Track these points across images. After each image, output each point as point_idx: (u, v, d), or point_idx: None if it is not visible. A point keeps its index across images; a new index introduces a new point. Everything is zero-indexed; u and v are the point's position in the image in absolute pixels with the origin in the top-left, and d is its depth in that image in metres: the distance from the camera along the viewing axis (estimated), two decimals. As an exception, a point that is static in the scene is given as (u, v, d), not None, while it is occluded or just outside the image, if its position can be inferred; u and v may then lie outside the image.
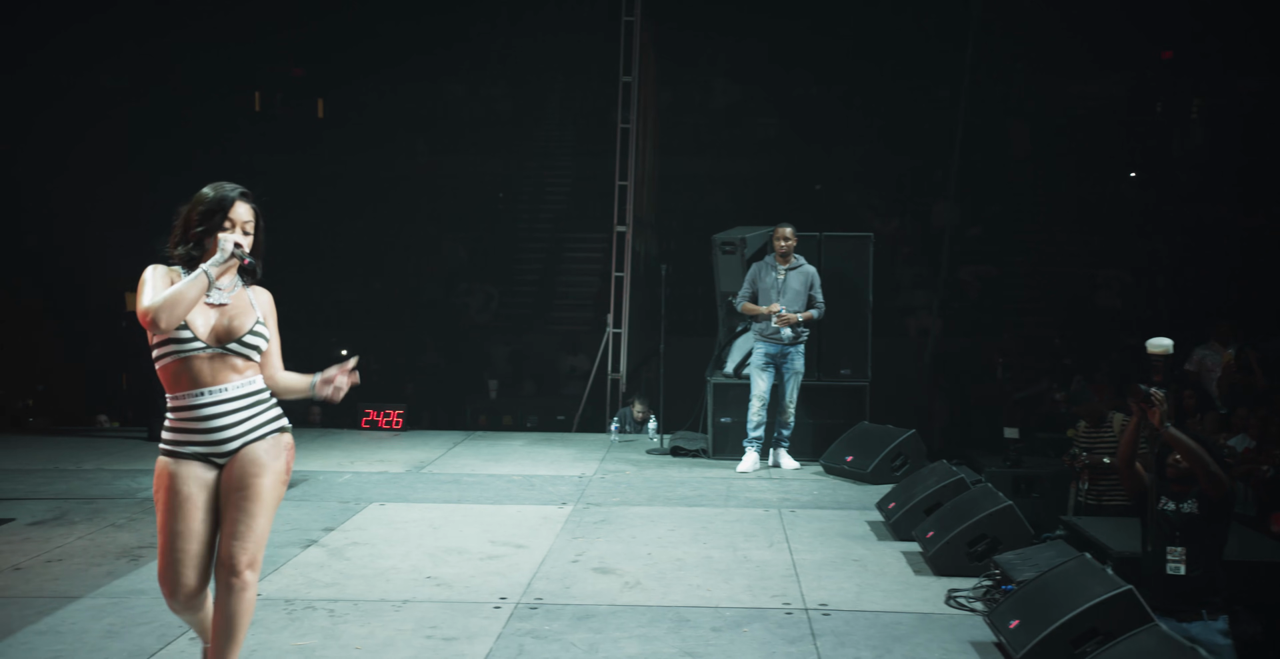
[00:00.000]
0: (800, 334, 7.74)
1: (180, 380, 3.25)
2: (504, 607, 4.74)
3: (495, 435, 9.78)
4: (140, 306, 3.20)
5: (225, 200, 3.32)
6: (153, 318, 3.16)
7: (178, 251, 3.33)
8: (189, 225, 3.32)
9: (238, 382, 3.29)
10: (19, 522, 6.05)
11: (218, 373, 3.26)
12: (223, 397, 3.26)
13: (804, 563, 5.43)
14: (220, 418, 3.26)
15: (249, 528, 3.32)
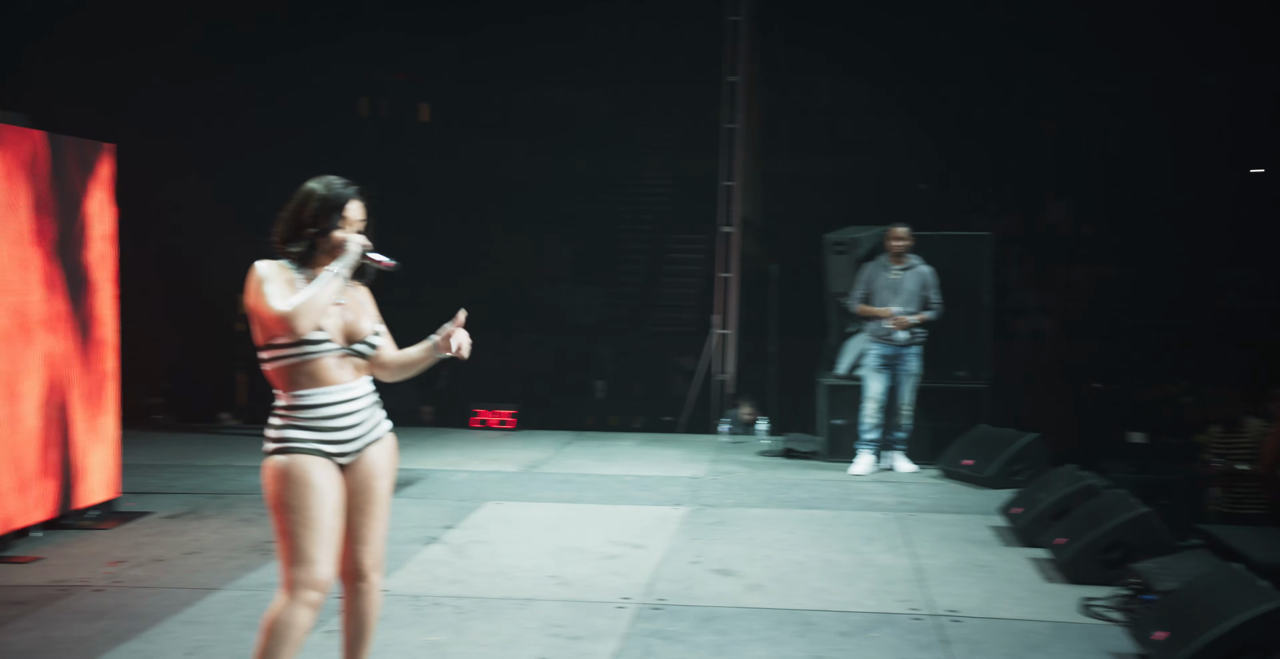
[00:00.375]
0: (916, 336, 7.63)
1: (306, 379, 3.17)
2: (627, 607, 4.75)
3: (604, 436, 9.83)
4: (271, 310, 3.09)
5: (341, 198, 3.22)
6: (292, 323, 3.09)
7: (291, 249, 3.22)
8: (301, 223, 3.21)
9: (359, 382, 3.28)
10: (156, 515, 6.26)
11: (343, 373, 3.22)
12: (348, 396, 3.23)
13: (928, 568, 5.34)
14: (346, 417, 3.22)
15: (375, 532, 3.33)
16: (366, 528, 3.32)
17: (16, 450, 5.38)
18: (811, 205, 14.47)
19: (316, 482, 3.16)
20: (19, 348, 5.39)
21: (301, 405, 3.18)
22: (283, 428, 3.19)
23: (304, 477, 3.15)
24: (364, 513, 3.31)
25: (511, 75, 16.91)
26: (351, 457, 3.27)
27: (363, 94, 17.83)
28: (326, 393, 3.19)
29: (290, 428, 3.18)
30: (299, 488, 3.14)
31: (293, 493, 3.14)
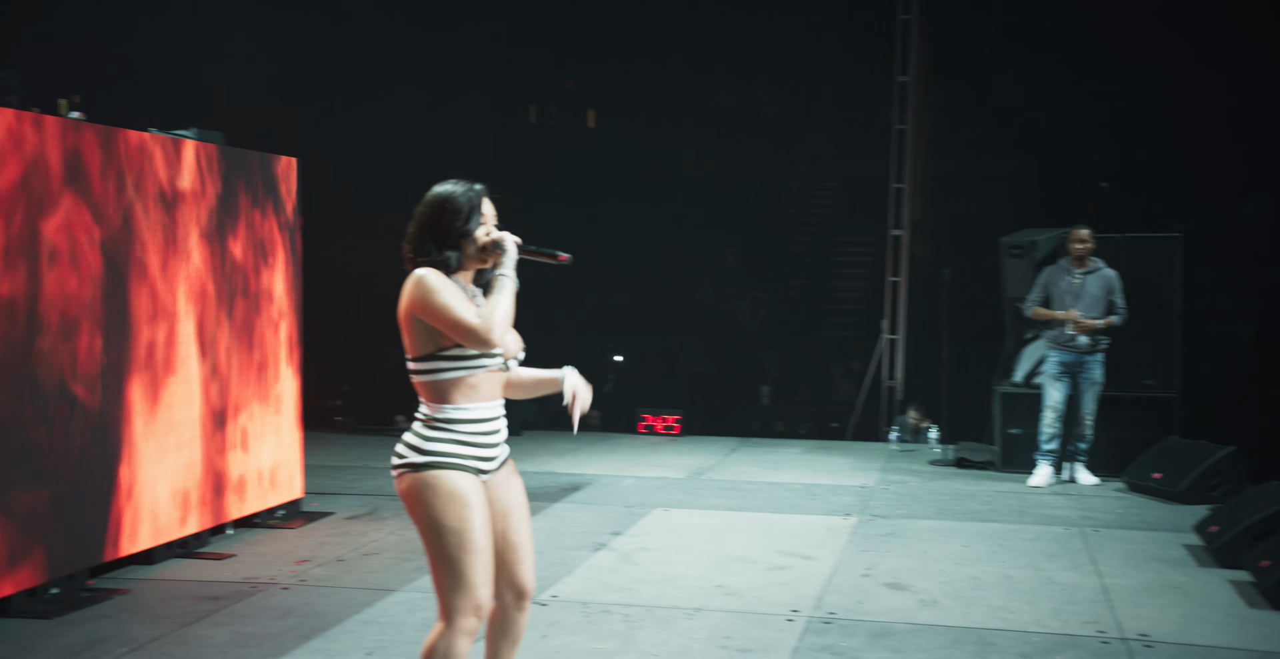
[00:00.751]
0: (1099, 342, 7.28)
1: (468, 393, 3.06)
2: (797, 620, 4.67)
3: (771, 442, 9.74)
4: (463, 322, 2.96)
5: (478, 197, 3.13)
6: (487, 336, 2.97)
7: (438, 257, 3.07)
8: (444, 228, 3.07)
9: (501, 397, 3.19)
10: (337, 516, 6.50)
11: (496, 388, 3.14)
12: (499, 412, 3.14)
13: (1116, 588, 5.08)
14: (497, 434, 3.14)
15: (528, 547, 3.25)
16: (523, 545, 3.23)
17: (213, 453, 5.67)
18: (982, 207, 14.03)
19: (476, 501, 3.02)
20: (214, 352, 5.68)
21: (462, 419, 3.05)
22: (438, 441, 3.04)
23: (465, 496, 3.01)
24: (517, 530, 3.21)
25: (676, 82, 16.97)
26: (493, 474, 3.17)
27: (531, 102, 18.20)
28: (485, 408, 3.09)
29: (447, 442, 3.04)
30: (460, 508, 3.00)
31: (454, 513, 3.00)
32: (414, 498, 3.04)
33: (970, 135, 14.95)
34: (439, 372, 3.05)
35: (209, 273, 5.65)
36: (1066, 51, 14.31)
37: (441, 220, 3.07)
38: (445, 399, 3.06)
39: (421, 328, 3.03)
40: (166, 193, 5.35)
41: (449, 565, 3.00)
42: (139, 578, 5.16)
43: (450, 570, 3.00)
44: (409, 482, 3.05)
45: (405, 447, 3.08)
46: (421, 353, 3.05)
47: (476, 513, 3.03)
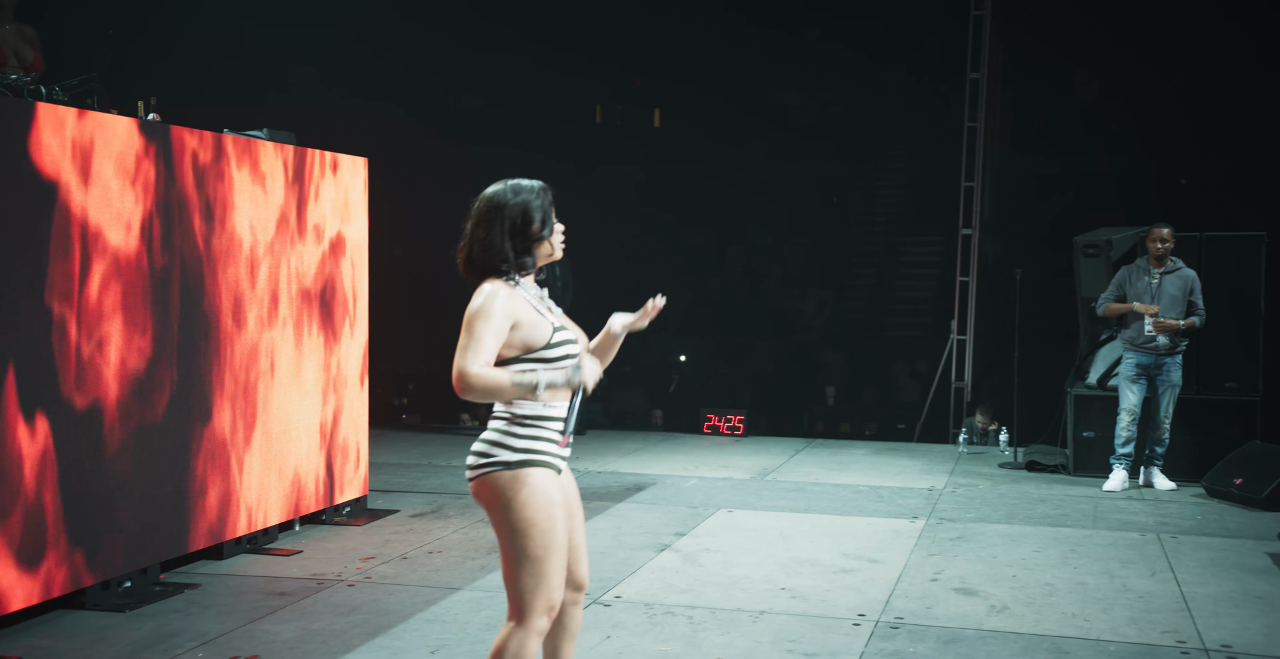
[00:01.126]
0: (1178, 343, 7.09)
1: (556, 392, 3.02)
2: (863, 624, 4.59)
3: (836, 443, 9.63)
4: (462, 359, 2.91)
5: (550, 197, 3.08)
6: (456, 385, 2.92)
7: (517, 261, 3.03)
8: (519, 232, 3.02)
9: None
10: (402, 513, 6.53)
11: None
12: (569, 411, 3.10)
13: (1195, 597, 4.92)
14: (569, 432, 3.13)
15: (584, 542, 3.25)
16: (582, 542, 3.23)
17: (284, 450, 5.73)
18: (1051, 206, 13.76)
19: (561, 502, 3.01)
20: (290, 352, 5.73)
21: (548, 416, 3.02)
22: (528, 438, 2.99)
23: (554, 495, 2.99)
24: (578, 529, 3.21)
25: (743, 81, 16.88)
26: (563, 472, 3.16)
27: (597, 101, 18.22)
28: (562, 407, 3.06)
29: (537, 439, 3.00)
30: (551, 507, 2.97)
31: (545, 512, 2.96)
32: (503, 497, 2.97)
33: (1042, 133, 14.68)
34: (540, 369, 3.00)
35: (288, 272, 5.70)
36: (1141, 47, 13.98)
37: (519, 225, 3.02)
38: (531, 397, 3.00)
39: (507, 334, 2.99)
40: (256, 195, 5.42)
41: (532, 565, 2.96)
42: (209, 573, 5.23)
43: (532, 570, 2.96)
44: (497, 481, 2.98)
45: (490, 445, 3.01)
46: (507, 357, 3.00)
47: (562, 513, 3.02)
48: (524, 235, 3.03)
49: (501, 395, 2.93)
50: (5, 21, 5.89)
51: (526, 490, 2.96)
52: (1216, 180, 13.61)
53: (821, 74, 17.14)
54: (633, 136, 17.91)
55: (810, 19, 16.42)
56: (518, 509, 2.96)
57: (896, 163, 16.87)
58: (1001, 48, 11.36)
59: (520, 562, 2.97)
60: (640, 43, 16.21)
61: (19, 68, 5.60)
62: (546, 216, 3.06)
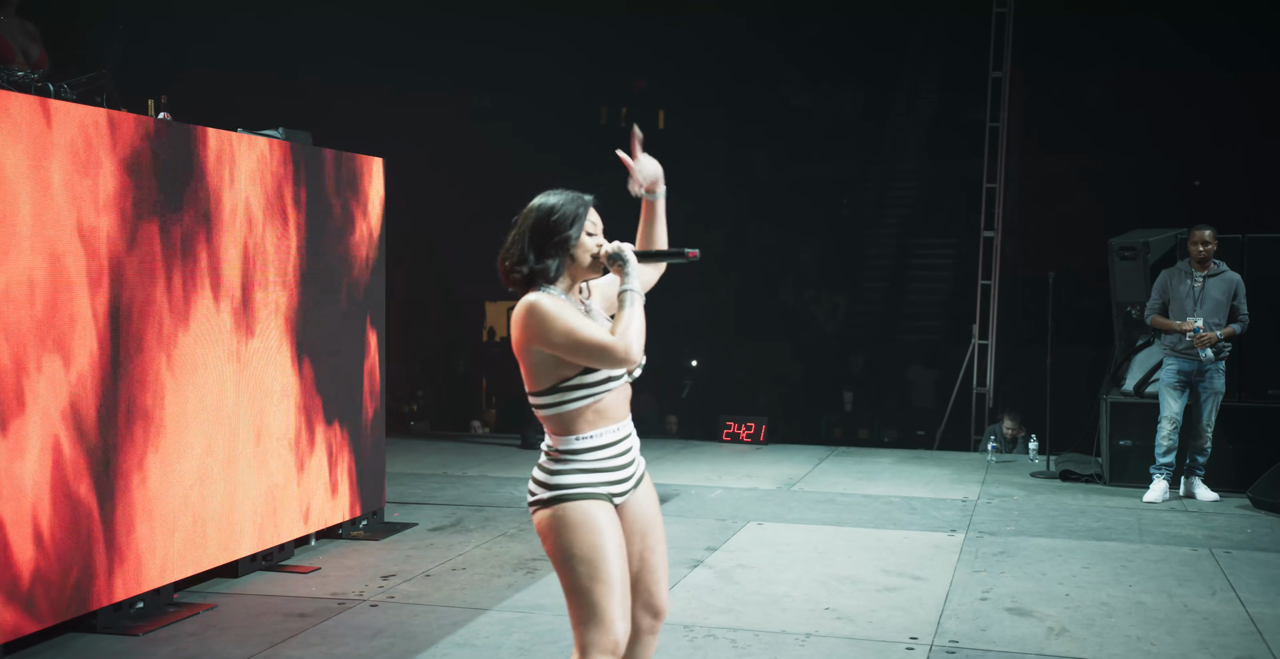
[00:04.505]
0: (1222, 350, 6.87)
1: (595, 418, 2.88)
2: (917, 648, 4.36)
3: (860, 451, 9.39)
4: (595, 344, 2.77)
5: (583, 206, 2.92)
6: (625, 355, 2.77)
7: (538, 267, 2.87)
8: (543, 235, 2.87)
9: (628, 411, 3.00)
10: (421, 527, 6.29)
11: (621, 404, 2.95)
12: (628, 430, 2.97)
13: (1263, 618, 4.69)
14: (630, 453, 2.96)
15: (663, 566, 3.07)
16: (662, 565, 3.06)
17: (299, 462, 5.49)
18: (1079, 206, 13.55)
19: (606, 528, 2.85)
20: (301, 359, 5.49)
21: (590, 447, 2.89)
22: (564, 473, 2.87)
23: (593, 523, 2.85)
24: (654, 550, 3.04)
25: (751, 82, 16.67)
26: (628, 494, 2.99)
27: (603, 103, 18.00)
28: (615, 430, 2.92)
29: (572, 472, 2.87)
30: (591, 535, 2.84)
31: (584, 541, 2.84)
32: (545, 533, 2.90)
33: (1064, 134, 14.46)
34: (566, 403, 2.87)
35: (302, 277, 5.47)
36: (1162, 48, 13.77)
37: (542, 228, 2.88)
38: (571, 430, 2.89)
39: (542, 359, 2.84)
40: (272, 198, 5.19)
41: (581, 597, 2.84)
42: (224, 592, 4.99)
43: (583, 602, 2.83)
44: (539, 519, 2.91)
45: (534, 483, 2.94)
46: (544, 386, 2.87)
47: (609, 541, 2.84)
48: (547, 238, 2.87)
49: (641, 324, 2.85)
50: (9, 17, 5.65)
51: (562, 524, 2.86)
52: (1239, 182, 13.39)
53: (835, 73, 16.94)
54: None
55: (824, 17, 16.21)
56: (555, 542, 2.88)
57: (907, 164, 16.66)
58: (1024, 47, 11.14)
59: (570, 594, 2.87)
60: (646, 43, 16.00)
61: (26, 65, 5.36)
62: (575, 220, 2.88)
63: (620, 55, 16.18)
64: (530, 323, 2.81)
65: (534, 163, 14.06)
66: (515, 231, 2.92)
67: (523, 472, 8.00)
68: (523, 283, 2.89)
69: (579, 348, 2.79)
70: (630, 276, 2.90)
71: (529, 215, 2.91)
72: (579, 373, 2.84)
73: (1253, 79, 13.52)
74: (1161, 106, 14.35)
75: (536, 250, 2.87)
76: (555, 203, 2.90)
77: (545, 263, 2.87)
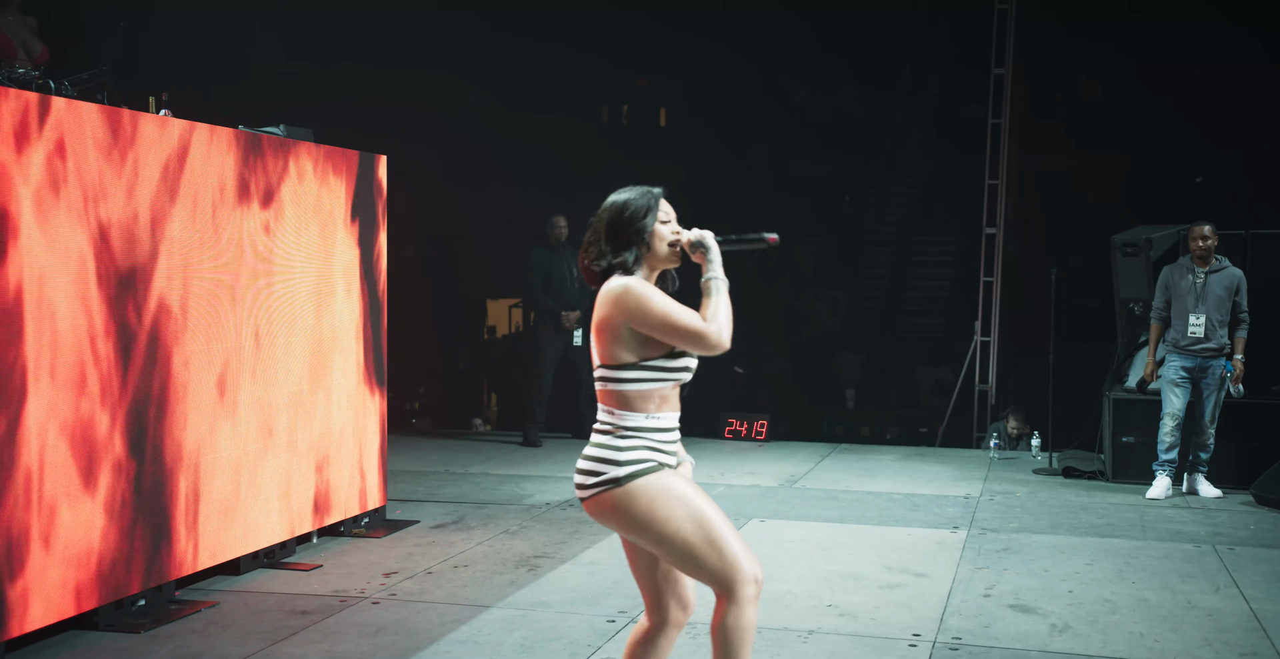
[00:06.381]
0: (1224, 346, 6.86)
1: (660, 402, 2.97)
2: (920, 645, 4.35)
3: (862, 449, 9.38)
4: (690, 328, 2.85)
5: (654, 198, 3.02)
6: (717, 341, 2.87)
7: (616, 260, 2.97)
8: (618, 228, 2.97)
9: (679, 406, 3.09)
10: (423, 524, 6.28)
11: (677, 397, 3.05)
12: (678, 421, 3.04)
13: (1267, 614, 4.68)
14: (677, 443, 3.05)
15: None
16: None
17: (300, 459, 5.48)
18: (1080, 203, 13.53)
19: (688, 487, 2.93)
20: (300, 356, 5.49)
21: (655, 427, 2.96)
22: (632, 449, 2.93)
23: (677, 487, 2.91)
24: None
25: (750, 79, 16.65)
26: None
27: (604, 101, 17.99)
28: (672, 417, 3.00)
29: (646, 448, 2.94)
30: (681, 496, 2.90)
31: (681, 506, 2.89)
32: (628, 515, 2.91)
33: (1065, 130, 14.44)
34: (637, 382, 2.95)
35: (303, 274, 5.46)
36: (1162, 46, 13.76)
37: (616, 223, 3.00)
38: (637, 408, 2.95)
39: (629, 336, 2.92)
40: (273, 195, 5.17)
41: (703, 551, 2.88)
42: (226, 589, 4.98)
43: (707, 554, 2.88)
44: (614, 499, 2.92)
45: (597, 462, 2.95)
46: (622, 361, 2.94)
47: (695, 494, 2.93)
48: (622, 231, 2.99)
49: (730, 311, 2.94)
50: (9, 12, 5.64)
51: (647, 499, 2.90)
52: (1240, 180, 13.38)
53: (835, 71, 16.92)
54: (639, 135, 17.67)
55: (824, 14, 16.18)
56: (649, 518, 2.90)
57: (911, 161, 16.64)
58: (1025, 44, 11.12)
59: (690, 556, 2.90)
60: (647, 40, 15.98)
61: (27, 60, 5.35)
62: (647, 211, 3.00)
63: (622, 53, 16.16)
64: (625, 301, 2.89)
65: (535, 162, 14.07)
66: (591, 231, 3.04)
67: (524, 469, 8.00)
68: (601, 277, 3.00)
69: (673, 330, 2.88)
70: (713, 263, 3.01)
71: (603, 214, 3.02)
72: (662, 355, 2.93)
73: (1251, 76, 13.51)
74: (1163, 103, 14.34)
75: (613, 244, 2.98)
76: (626, 198, 3.01)
77: (622, 255, 2.97)
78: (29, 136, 4.01)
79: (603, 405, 2.99)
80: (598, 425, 2.99)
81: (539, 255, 8.87)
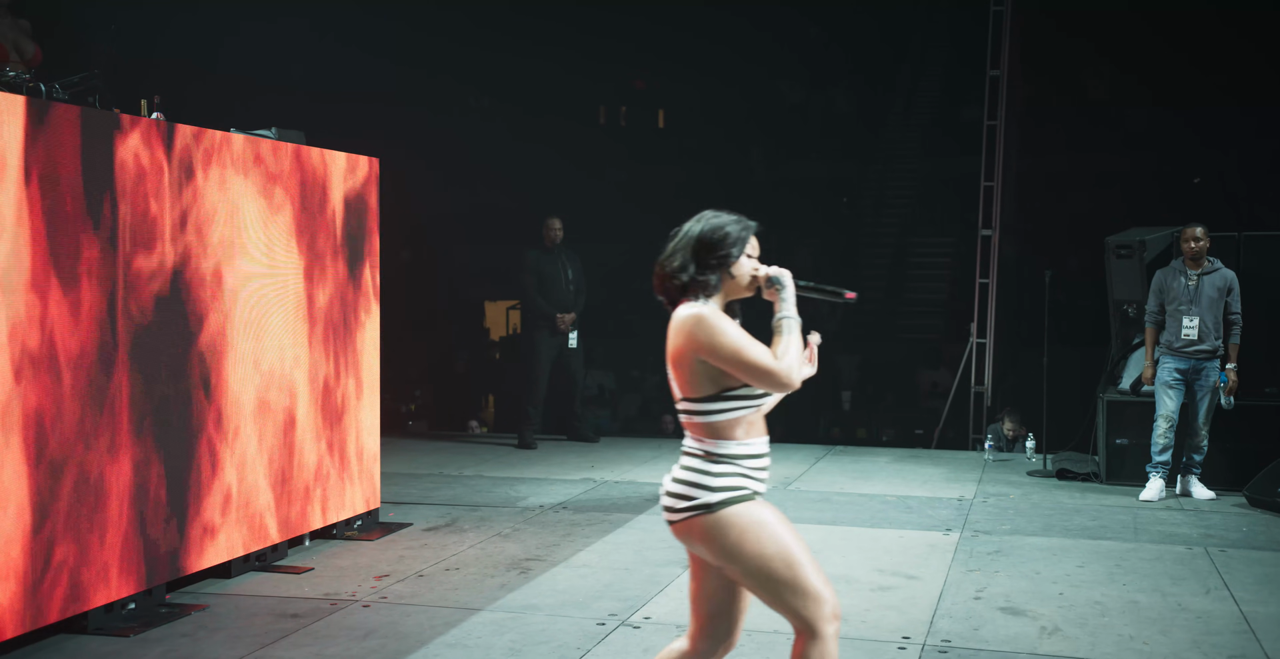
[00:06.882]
0: (1217, 348, 6.86)
1: (748, 429, 2.96)
2: (909, 647, 4.35)
3: (856, 450, 9.38)
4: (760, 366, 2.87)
5: (747, 231, 3.04)
6: (786, 380, 2.89)
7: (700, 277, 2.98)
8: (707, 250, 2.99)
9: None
10: (416, 527, 6.28)
11: (764, 422, 3.04)
12: (768, 447, 3.04)
13: (1257, 617, 4.68)
14: (768, 470, 3.04)
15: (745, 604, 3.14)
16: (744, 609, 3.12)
17: (295, 462, 5.48)
18: (1076, 204, 13.54)
19: (779, 520, 2.94)
20: (300, 360, 5.49)
21: (746, 453, 2.96)
22: (726, 475, 2.92)
23: (768, 519, 2.92)
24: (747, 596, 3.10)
25: (748, 81, 16.66)
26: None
27: (601, 103, 18.00)
28: (762, 443, 3.00)
29: (732, 475, 2.93)
30: (773, 531, 2.91)
31: (771, 539, 2.90)
32: (718, 542, 2.91)
33: (1062, 132, 14.45)
34: (722, 412, 2.95)
35: (304, 276, 5.46)
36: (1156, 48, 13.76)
37: (707, 243, 3.00)
38: (727, 436, 2.96)
39: (703, 369, 2.92)
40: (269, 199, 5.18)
41: (787, 586, 2.91)
42: (217, 593, 4.98)
43: (791, 589, 2.91)
44: (704, 526, 2.92)
45: (688, 485, 2.94)
46: (702, 394, 2.94)
47: (784, 528, 2.93)
48: (710, 250, 2.99)
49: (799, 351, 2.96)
50: (2, 15, 5.65)
51: (739, 530, 2.91)
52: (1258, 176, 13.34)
53: (832, 72, 16.93)
54: (638, 137, 17.68)
55: (821, 15, 16.19)
56: (739, 549, 2.91)
57: (905, 163, 16.66)
58: (1021, 43, 11.12)
59: (775, 590, 2.92)
60: (643, 42, 16.00)
61: (20, 63, 5.35)
62: (739, 241, 3.01)
63: (621, 54, 16.18)
64: (698, 334, 2.91)
65: (533, 164, 14.07)
66: (677, 242, 3.03)
67: (519, 472, 8.00)
68: (678, 292, 3.00)
69: (744, 367, 2.88)
70: (786, 302, 3.03)
71: (693, 229, 3.02)
72: (743, 384, 2.93)
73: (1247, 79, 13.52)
74: (1158, 105, 14.34)
75: (698, 262, 2.98)
76: (722, 223, 3.02)
77: (707, 276, 2.98)
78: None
79: (690, 434, 3.00)
80: (687, 448, 2.99)
81: (534, 257, 8.87)
